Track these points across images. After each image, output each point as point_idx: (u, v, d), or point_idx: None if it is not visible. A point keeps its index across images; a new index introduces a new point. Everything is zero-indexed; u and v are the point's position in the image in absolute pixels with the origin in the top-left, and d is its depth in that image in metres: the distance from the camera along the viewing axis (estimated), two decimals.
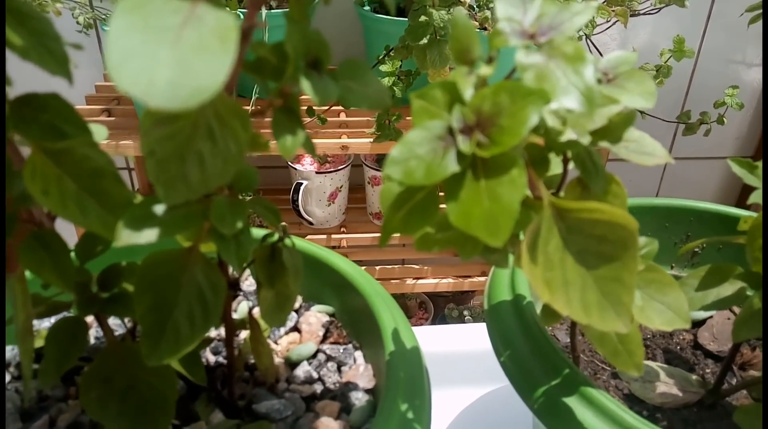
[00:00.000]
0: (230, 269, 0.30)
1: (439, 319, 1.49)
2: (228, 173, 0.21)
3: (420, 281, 1.28)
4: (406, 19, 0.85)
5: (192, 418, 0.34)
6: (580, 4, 0.21)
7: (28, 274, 0.26)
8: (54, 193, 0.23)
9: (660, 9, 0.98)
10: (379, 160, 1.25)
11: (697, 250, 0.47)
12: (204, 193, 0.22)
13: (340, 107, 1.09)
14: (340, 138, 1.06)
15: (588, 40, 0.98)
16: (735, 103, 1.01)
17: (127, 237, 0.22)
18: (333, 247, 1.32)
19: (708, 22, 1.39)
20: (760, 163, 0.31)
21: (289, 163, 1.22)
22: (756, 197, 0.29)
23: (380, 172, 1.23)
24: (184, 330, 0.26)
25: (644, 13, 0.99)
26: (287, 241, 0.29)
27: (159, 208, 0.23)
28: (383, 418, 0.28)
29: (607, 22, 0.93)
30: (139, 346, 0.25)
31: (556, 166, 0.25)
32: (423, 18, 0.70)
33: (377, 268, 1.28)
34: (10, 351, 0.37)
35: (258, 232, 0.36)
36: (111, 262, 0.30)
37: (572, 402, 0.30)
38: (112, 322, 0.41)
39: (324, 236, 1.27)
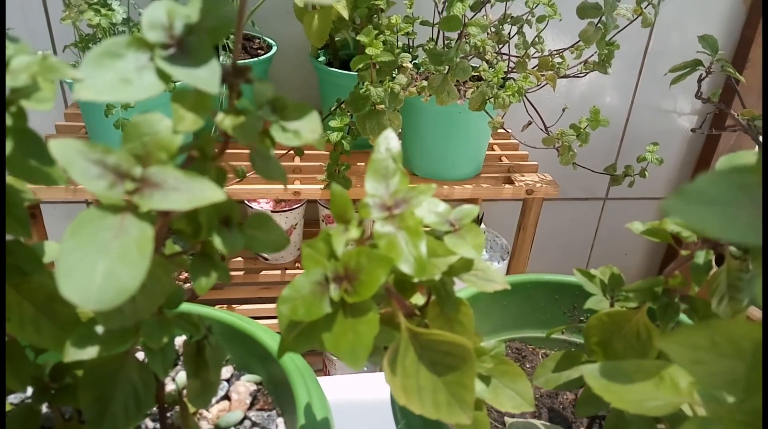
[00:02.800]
0: None
1: None
2: (154, 307, 0.28)
3: None
4: (357, 73, 0.92)
5: None
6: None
7: None
8: (15, 318, 0.28)
9: (586, 74, 1.08)
10: None
11: (582, 318, 0.55)
12: (135, 321, 0.28)
13: (292, 152, 1.15)
14: (293, 183, 1.12)
15: (525, 98, 1.07)
16: (655, 158, 1.11)
17: (73, 354, 0.28)
18: (287, 282, 1.38)
19: (640, 76, 1.51)
20: (598, 272, 0.39)
21: (246, 201, 1.27)
22: (591, 303, 0.37)
23: None
24: (120, 419, 0.32)
25: (573, 76, 1.09)
26: (212, 338, 0.35)
27: (99, 329, 0.29)
28: None
29: (538, 85, 1.02)
30: (84, 427, 0.31)
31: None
32: (363, 91, 0.78)
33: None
34: None
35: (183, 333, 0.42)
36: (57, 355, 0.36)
37: None
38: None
39: (278, 271, 1.33)
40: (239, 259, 1.34)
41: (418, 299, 0.34)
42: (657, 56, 1.49)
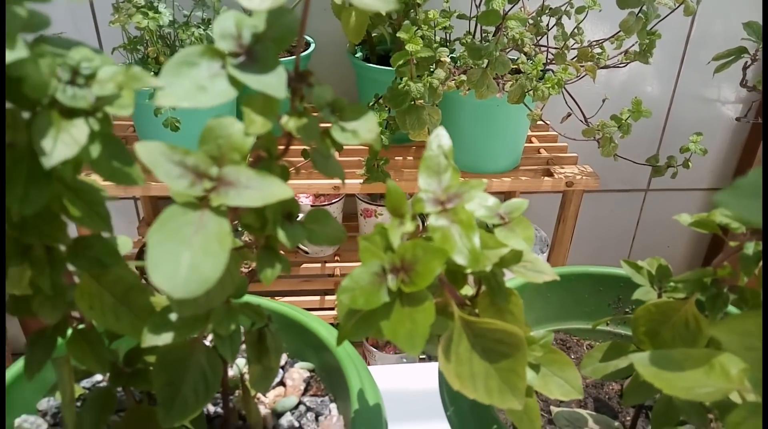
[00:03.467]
0: None
1: None
2: (225, 296, 0.30)
3: None
4: (394, 68, 0.93)
5: None
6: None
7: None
8: (97, 307, 0.31)
9: (627, 64, 1.06)
10: (371, 195, 1.33)
11: (627, 310, 0.55)
12: (208, 308, 0.30)
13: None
14: (333, 178, 1.14)
15: (564, 89, 1.06)
16: (699, 149, 1.09)
17: (150, 339, 0.30)
18: (327, 276, 1.40)
19: (681, 65, 1.48)
20: (645, 263, 0.39)
21: None
22: (639, 294, 0.38)
23: (371, 205, 1.32)
24: (191, 401, 0.34)
25: (613, 67, 1.08)
26: (272, 326, 0.37)
27: (173, 316, 0.31)
28: None
29: (577, 76, 1.01)
30: (155, 408, 0.33)
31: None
32: (403, 87, 0.79)
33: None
34: (47, 402, 0.45)
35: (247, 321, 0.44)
36: (131, 341, 0.39)
37: None
38: None
39: (318, 265, 1.35)
40: (280, 252, 1.37)
41: (468, 290, 0.35)
42: (699, 44, 1.46)
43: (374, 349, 1.39)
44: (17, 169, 0.24)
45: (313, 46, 1.21)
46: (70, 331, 0.33)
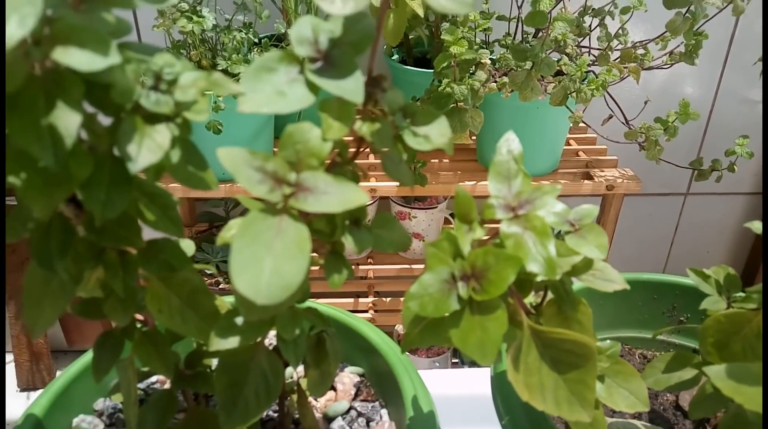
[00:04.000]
0: None
1: None
2: (293, 301, 0.30)
3: None
4: (431, 70, 0.93)
5: None
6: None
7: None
8: (165, 310, 0.31)
9: (671, 65, 1.04)
10: (405, 197, 1.33)
11: (682, 319, 0.54)
12: (272, 314, 0.30)
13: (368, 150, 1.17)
14: (369, 181, 1.14)
15: (606, 92, 1.04)
16: (745, 152, 1.06)
17: (217, 344, 0.31)
18: (360, 278, 1.40)
19: (725, 65, 1.44)
20: (711, 272, 0.38)
21: None
22: (707, 304, 0.36)
23: (405, 208, 1.31)
24: (252, 404, 0.34)
25: (657, 68, 1.05)
26: (331, 330, 0.37)
27: (239, 320, 0.31)
28: None
29: (621, 77, 0.99)
30: (213, 411, 0.34)
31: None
32: (444, 89, 0.78)
33: (402, 299, 1.35)
34: (103, 402, 0.46)
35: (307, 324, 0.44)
36: (190, 343, 0.39)
37: None
38: None
39: (353, 267, 1.36)
40: (314, 254, 1.37)
41: (531, 298, 0.35)
42: (743, 44, 1.42)
43: (407, 353, 1.39)
44: (100, 174, 0.24)
45: None
46: (137, 335, 0.34)
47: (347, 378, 0.48)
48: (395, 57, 1.23)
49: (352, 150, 0.29)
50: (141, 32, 1.30)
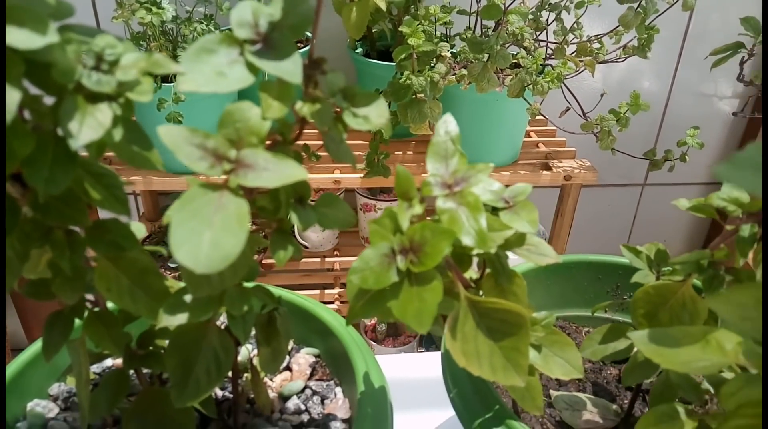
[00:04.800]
0: None
1: (426, 337, 1.58)
2: (239, 276, 0.31)
3: None
4: (394, 63, 0.94)
5: None
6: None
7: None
8: (114, 289, 0.32)
9: (625, 58, 1.07)
10: (370, 190, 1.34)
11: (625, 297, 0.57)
12: (221, 289, 0.31)
13: None
14: (333, 173, 1.15)
15: (563, 84, 1.07)
16: (696, 142, 1.10)
17: (166, 320, 0.31)
18: (327, 270, 1.41)
19: (679, 60, 1.49)
20: (644, 248, 0.40)
21: None
22: (638, 277, 0.39)
23: (371, 200, 1.32)
24: (203, 381, 0.35)
25: (612, 61, 1.09)
26: (282, 309, 0.38)
27: (188, 298, 0.32)
28: None
29: (576, 71, 1.02)
30: (166, 390, 0.34)
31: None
32: (404, 81, 0.80)
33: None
34: (58, 387, 0.46)
35: (258, 303, 0.45)
36: (143, 324, 0.39)
37: None
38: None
39: (318, 259, 1.36)
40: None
41: (472, 273, 0.36)
42: (697, 39, 1.47)
43: (374, 343, 1.41)
44: (43, 152, 0.25)
45: None
46: (86, 314, 0.34)
47: (303, 359, 0.49)
48: (359, 50, 1.24)
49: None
50: (101, 24, 1.28)
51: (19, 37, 0.21)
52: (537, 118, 1.36)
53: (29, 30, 0.21)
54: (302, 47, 1.19)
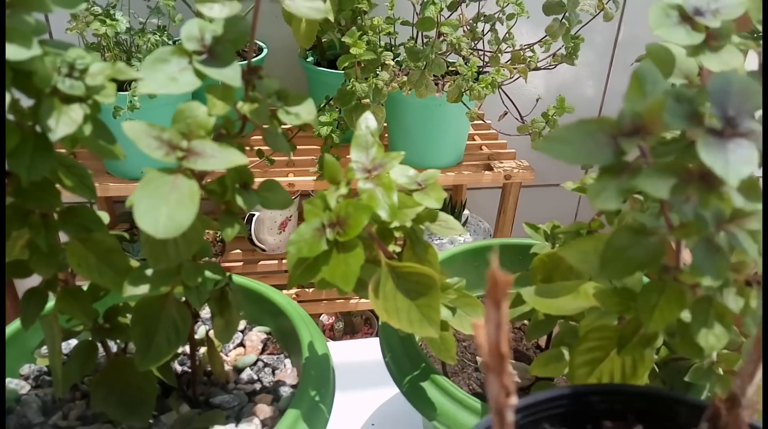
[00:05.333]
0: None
1: None
2: (192, 250, 0.36)
3: (363, 300, 1.42)
4: (342, 71, 1.01)
5: (166, 410, 0.48)
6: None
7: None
8: (83, 265, 0.37)
9: (556, 65, 1.17)
10: None
11: None
12: (178, 263, 0.37)
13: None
14: (287, 176, 1.20)
15: (501, 90, 1.15)
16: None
17: (130, 290, 0.37)
18: (284, 271, 1.46)
19: (611, 66, 1.60)
20: (544, 225, 0.48)
21: None
22: (536, 248, 0.46)
23: None
24: (164, 347, 0.40)
25: (544, 68, 1.18)
26: (233, 284, 0.44)
27: (149, 271, 0.38)
28: (297, 401, 0.43)
29: (511, 77, 1.11)
30: (130, 359, 0.40)
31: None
32: (349, 88, 0.86)
33: (324, 290, 1.42)
34: (28, 368, 0.50)
35: (212, 279, 0.51)
36: (109, 303, 0.44)
37: (426, 385, 0.46)
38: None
39: (275, 261, 1.41)
40: (238, 250, 1.42)
41: (395, 247, 0.43)
42: (627, 46, 1.58)
43: (330, 340, 1.46)
44: (25, 145, 0.30)
45: (265, 51, 1.28)
46: (58, 291, 0.39)
47: (255, 336, 0.55)
48: (310, 59, 1.30)
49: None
50: (54, 35, 1.30)
51: (9, 51, 0.26)
52: (482, 123, 1.44)
53: (17, 45, 0.26)
54: (255, 56, 1.25)
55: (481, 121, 1.44)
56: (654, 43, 0.33)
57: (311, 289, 1.39)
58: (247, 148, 0.38)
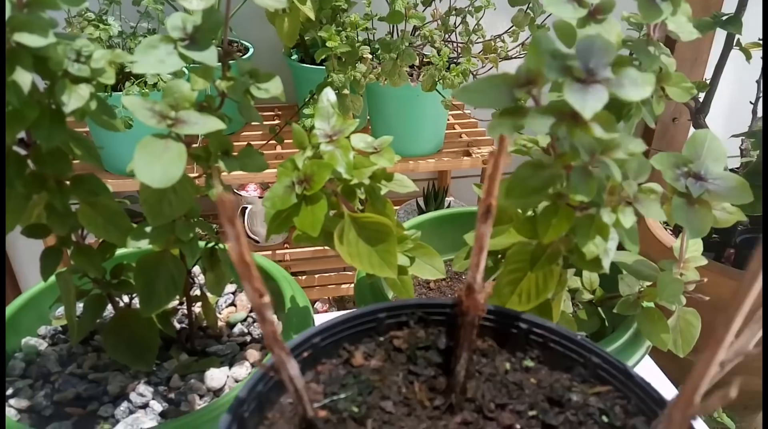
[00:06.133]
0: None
1: None
2: (184, 209, 0.43)
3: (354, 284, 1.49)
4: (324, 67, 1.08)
5: (168, 359, 0.54)
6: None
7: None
8: (93, 224, 0.44)
9: (525, 54, 1.24)
10: None
11: None
12: (172, 219, 0.43)
13: (274, 142, 1.30)
14: (275, 168, 1.27)
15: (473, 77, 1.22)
16: None
17: (132, 244, 0.44)
18: (278, 261, 1.53)
19: None
20: None
21: (235, 190, 1.42)
22: None
23: None
24: (163, 296, 0.47)
25: (514, 57, 1.25)
26: (220, 245, 0.51)
27: (148, 229, 0.44)
28: None
29: (483, 66, 1.18)
30: (135, 311, 0.46)
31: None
32: (328, 79, 0.93)
33: (316, 276, 1.49)
34: (45, 329, 0.57)
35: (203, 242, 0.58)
36: (115, 262, 0.51)
37: None
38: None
39: (269, 252, 1.48)
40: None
41: (358, 204, 0.50)
42: None
43: None
44: (43, 118, 0.37)
45: (251, 50, 1.34)
46: (72, 248, 0.46)
47: (245, 296, 0.61)
48: (294, 56, 1.37)
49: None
50: None
51: (30, 39, 0.33)
52: (461, 112, 1.51)
53: (37, 35, 0.33)
54: (242, 56, 1.31)
55: (460, 111, 1.51)
56: (560, 20, 0.40)
57: (303, 277, 1.46)
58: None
